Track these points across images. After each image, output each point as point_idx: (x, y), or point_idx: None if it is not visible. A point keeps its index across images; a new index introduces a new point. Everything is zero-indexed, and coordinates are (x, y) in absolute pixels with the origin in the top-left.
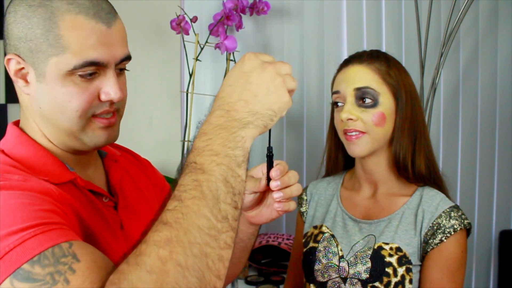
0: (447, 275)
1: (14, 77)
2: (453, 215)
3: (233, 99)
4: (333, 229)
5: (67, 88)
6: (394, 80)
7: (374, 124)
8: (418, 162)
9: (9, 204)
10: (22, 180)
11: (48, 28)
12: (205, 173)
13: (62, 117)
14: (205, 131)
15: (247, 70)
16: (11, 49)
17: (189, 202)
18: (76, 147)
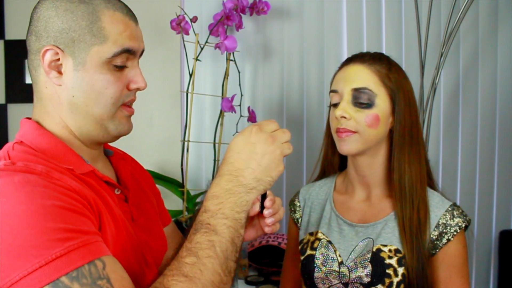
0: (455, 272)
1: (48, 68)
2: (456, 214)
3: (241, 166)
4: (329, 235)
5: (104, 76)
6: (393, 83)
7: (367, 125)
8: (409, 170)
9: (45, 204)
10: (45, 173)
11: (92, 20)
12: (217, 235)
13: (97, 103)
14: (216, 194)
15: (254, 141)
16: (49, 41)
17: (206, 260)
18: (98, 137)
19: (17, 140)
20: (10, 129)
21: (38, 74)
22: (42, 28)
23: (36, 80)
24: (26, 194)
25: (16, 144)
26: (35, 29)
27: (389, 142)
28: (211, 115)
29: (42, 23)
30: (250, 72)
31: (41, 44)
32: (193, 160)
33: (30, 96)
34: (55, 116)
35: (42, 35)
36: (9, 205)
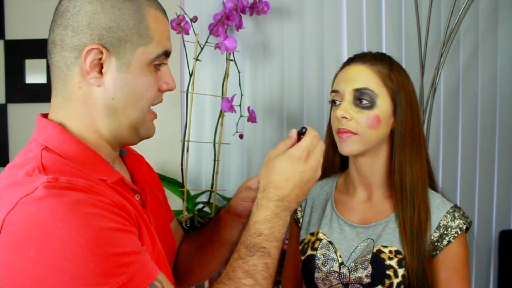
0: (455, 273)
1: (89, 68)
2: (457, 215)
3: (289, 193)
4: (330, 235)
5: (146, 77)
6: (394, 84)
7: (368, 126)
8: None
9: (102, 227)
10: (88, 188)
11: (139, 19)
12: (270, 257)
13: (136, 106)
14: (268, 218)
15: (302, 171)
16: (93, 39)
17: (262, 281)
18: (128, 141)
19: (41, 145)
20: (10, 129)
21: (71, 73)
22: (84, 24)
23: (66, 78)
24: (82, 218)
25: (44, 151)
26: (72, 23)
27: (390, 142)
28: (211, 115)
29: (84, 18)
30: (250, 72)
31: (81, 41)
32: (193, 160)
33: (30, 96)
34: (86, 118)
35: (84, 32)
36: (67, 231)
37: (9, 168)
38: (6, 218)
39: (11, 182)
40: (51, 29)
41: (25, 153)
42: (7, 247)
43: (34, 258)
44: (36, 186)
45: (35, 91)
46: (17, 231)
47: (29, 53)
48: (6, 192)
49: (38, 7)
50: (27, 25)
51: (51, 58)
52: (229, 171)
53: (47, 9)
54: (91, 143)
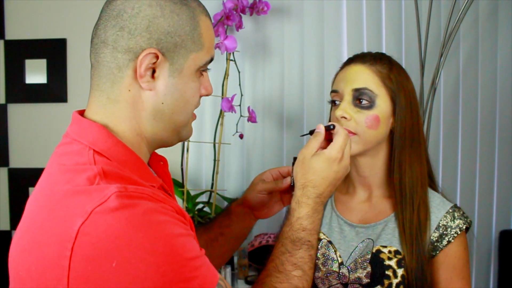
0: (455, 273)
1: (143, 72)
2: (456, 215)
3: (324, 190)
4: (330, 235)
5: (194, 83)
6: (393, 84)
7: (367, 126)
8: (409, 171)
9: (177, 234)
10: (152, 196)
11: (194, 26)
12: (314, 249)
13: (182, 111)
14: (309, 214)
15: (337, 170)
16: (151, 43)
17: (309, 272)
18: (168, 143)
19: (89, 148)
20: (10, 129)
21: (122, 75)
22: (143, 27)
23: (115, 80)
24: (157, 227)
25: (96, 156)
26: (130, 25)
27: (390, 142)
28: (211, 115)
29: (144, 21)
30: (250, 72)
31: (138, 44)
32: (193, 160)
33: (30, 96)
34: (131, 121)
35: (142, 35)
36: (148, 241)
37: (61, 172)
38: (81, 229)
39: (75, 189)
40: (100, 27)
41: (72, 155)
42: (85, 258)
43: (117, 269)
44: (107, 196)
45: (35, 91)
46: (96, 242)
47: (29, 53)
48: (71, 200)
49: (38, 7)
50: (27, 25)
51: (98, 57)
52: (229, 171)
53: (47, 9)
54: (133, 146)
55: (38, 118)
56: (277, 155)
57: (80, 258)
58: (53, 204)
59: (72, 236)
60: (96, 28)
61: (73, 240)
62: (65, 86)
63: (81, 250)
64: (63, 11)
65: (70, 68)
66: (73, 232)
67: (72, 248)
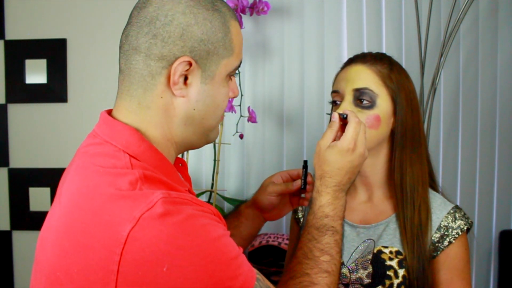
0: (456, 274)
1: (177, 80)
2: (458, 216)
3: (342, 178)
4: None
5: (225, 89)
6: (394, 84)
7: (368, 126)
8: (410, 171)
9: (220, 236)
10: (191, 200)
11: (225, 32)
12: (338, 233)
13: (213, 116)
14: (330, 201)
15: (351, 159)
16: (185, 51)
17: (337, 256)
18: (196, 146)
19: (124, 152)
20: (10, 129)
21: (155, 82)
22: (177, 35)
23: (147, 87)
24: (202, 230)
25: (132, 159)
26: (163, 33)
27: (391, 142)
28: None
29: (177, 29)
30: (250, 72)
31: (171, 52)
32: (193, 160)
33: (30, 96)
34: (163, 127)
35: (176, 43)
36: (196, 245)
37: (101, 174)
38: (130, 234)
39: (118, 193)
40: (131, 34)
41: (108, 157)
42: (135, 263)
43: (168, 273)
44: (154, 202)
45: (35, 91)
46: (146, 247)
47: (29, 53)
48: (116, 204)
49: (38, 7)
50: (27, 25)
51: (129, 63)
52: (229, 171)
53: (47, 9)
54: (163, 151)
55: (38, 118)
56: (277, 155)
57: (129, 263)
58: (97, 207)
59: (121, 241)
60: (126, 34)
61: (122, 245)
62: (65, 86)
63: (131, 255)
64: (63, 11)
65: (70, 68)
66: (122, 237)
67: (121, 253)
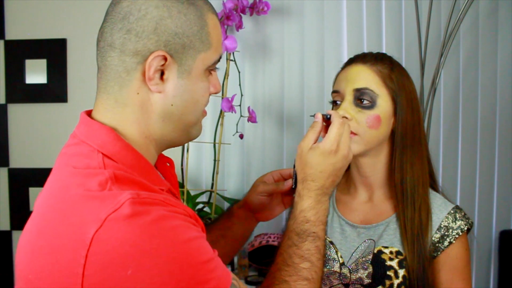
0: (457, 274)
1: (152, 75)
2: (458, 216)
3: (325, 181)
4: (331, 236)
5: (203, 83)
6: (394, 84)
7: (368, 126)
8: (410, 171)
9: (191, 239)
10: (163, 201)
11: (202, 25)
12: (320, 240)
13: (192, 111)
14: (312, 206)
15: (333, 162)
16: (159, 45)
17: (318, 263)
18: (178, 143)
19: (98, 151)
20: (10, 129)
21: (130, 78)
22: (150, 30)
23: (123, 83)
24: (171, 233)
25: (106, 159)
26: (137, 28)
27: (391, 143)
28: (211, 115)
29: (151, 23)
30: (250, 72)
31: (146, 47)
32: (193, 160)
33: (30, 96)
34: (140, 124)
35: (150, 37)
36: (163, 248)
37: (72, 175)
38: (95, 236)
39: (87, 194)
40: (106, 31)
41: (82, 157)
42: (100, 266)
43: (133, 277)
44: (121, 202)
45: (35, 91)
46: (110, 249)
47: (29, 53)
48: (84, 206)
49: (38, 7)
50: (27, 25)
51: (105, 60)
52: (229, 171)
53: (47, 9)
54: (141, 149)
55: (38, 118)
56: (277, 155)
57: (94, 265)
58: (66, 209)
59: (87, 243)
60: (102, 31)
61: (87, 247)
62: (65, 86)
63: (96, 258)
64: (63, 11)
65: (70, 68)
66: (87, 239)
67: (87, 256)
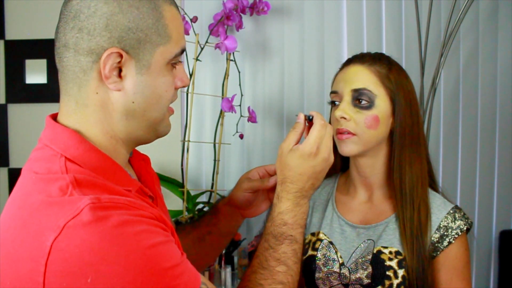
0: (456, 274)
1: (108, 73)
2: (457, 216)
3: (304, 184)
4: (330, 236)
5: (165, 78)
6: (392, 84)
7: (366, 126)
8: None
9: (153, 245)
10: (128, 204)
11: (157, 18)
12: (297, 243)
13: (156, 107)
14: (290, 208)
15: (314, 165)
16: (112, 42)
17: (294, 267)
18: (145, 140)
19: (61, 155)
20: (10, 129)
21: (87, 78)
22: (101, 26)
23: (81, 84)
24: (133, 239)
25: (68, 163)
26: (88, 26)
27: (390, 143)
28: (211, 115)
29: (101, 20)
30: (250, 72)
31: (99, 45)
32: (193, 160)
33: (30, 96)
34: (103, 124)
35: (102, 35)
36: (123, 255)
37: (34, 181)
38: (54, 244)
39: (47, 200)
40: (59, 31)
41: (44, 162)
42: (59, 274)
43: (92, 285)
44: (80, 208)
45: (35, 91)
46: (69, 257)
47: (29, 53)
48: (43, 213)
49: (38, 7)
50: (27, 25)
51: (62, 62)
52: (229, 171)
53: (47, 9)
54: (108, 149)
55: (38, 118)
56: (277, 155)
57: (54, 274)
58: (26, 216)
59: (46, 251)
60: (56, 32)
61: (47, 256)
62: None
63: (55, 266)
64: None
65: None
66: (46, 248)
67: (46, 264)
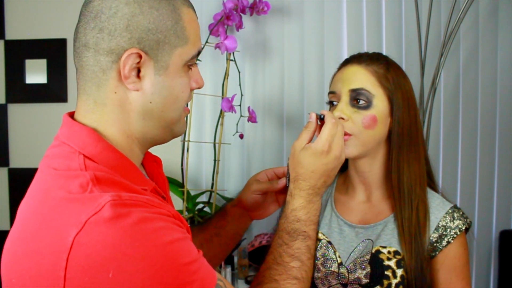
0: (455, 274)
1: (128, 73)
2: (456, 216)
3: (317, 182)
4: (329, 236)
5: (182, 79)
6: (390, 84)
7: (364, 126)
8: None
9: (173, 241)
10: (147, 202)
11: (176, 19)
12: (310, 239)
13: (172, 108)
14: (303, 205)
15: (326, 162)
16: (132, 43)
17: (308, 262)
18: (161, 141)
19: (79, 153)
20: (10, 129)
21: (107, 77)
22: (122, 27)
23: (100, 83)
24: (153, 235)
25: (87, 161)
26: (109, 26)
27: (389, 143)
28: (211, 115)
29: (122, 20)
30: (250, 72)
31: (119, 45)
32: (193, 160)
33: (30, 96)
34: (120, 124)
35: (122, 35)
36: (144, 250)
37: (54, 177)
38: (75, 239)
39: (68, 197)
40: (79, 31)
41: (63, 158)
42: (81, 269)
43: (114, 279)
44: (102, 205)
45: (35, 91)
46: (92, 252)
47: (29, 53)
48: (64, 209)
49: (38, 7)
50: (27, 25)
51: (81, 61)
52: (229, 171)
53: (47, 9)
54: (124, 149)
55: (38, 118)
56: (277, 155)
57: (76, 269)
58: (47, 212)
59: (67, 246)
60: (76, 31)
61: (68, 251)
62: (65, 86)
63: (77, 261)
64: (63, 11)
65: (70, 68)
66: (68, 243)
67: (68, 259)
